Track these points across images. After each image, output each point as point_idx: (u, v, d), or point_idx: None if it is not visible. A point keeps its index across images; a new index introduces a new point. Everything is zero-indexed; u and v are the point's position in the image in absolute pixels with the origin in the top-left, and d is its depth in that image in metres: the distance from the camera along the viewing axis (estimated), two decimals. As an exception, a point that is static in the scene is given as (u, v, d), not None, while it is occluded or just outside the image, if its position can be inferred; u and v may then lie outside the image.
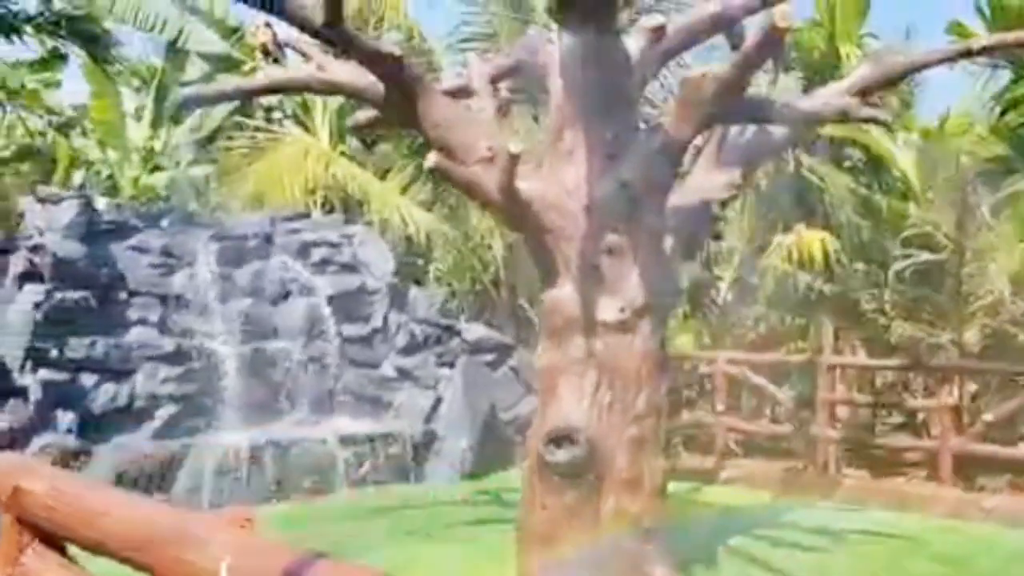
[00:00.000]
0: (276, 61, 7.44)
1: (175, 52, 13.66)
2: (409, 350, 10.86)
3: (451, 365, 10.91)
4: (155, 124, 13.42)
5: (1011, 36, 6.44)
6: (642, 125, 6.18)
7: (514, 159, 5.51)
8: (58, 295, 8.19)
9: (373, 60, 5.75)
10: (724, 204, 6.70)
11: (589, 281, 5.80)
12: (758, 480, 9.89)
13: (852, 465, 9.95)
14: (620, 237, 5.80)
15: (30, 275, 8.35)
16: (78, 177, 14.91)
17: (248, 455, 8.58)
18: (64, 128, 13.03)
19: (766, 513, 8.81)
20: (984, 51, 6.39)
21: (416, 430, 10.14)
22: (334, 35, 5.45)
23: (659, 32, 6.09)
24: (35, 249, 8.39)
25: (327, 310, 10.19)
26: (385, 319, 10.74)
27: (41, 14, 9.35)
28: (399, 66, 5.72)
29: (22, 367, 7.83)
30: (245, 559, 1.64)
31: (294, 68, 6.47)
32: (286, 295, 10.06)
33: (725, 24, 6.30)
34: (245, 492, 8.47)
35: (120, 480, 7.80)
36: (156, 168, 13.38)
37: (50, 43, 11.13)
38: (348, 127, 9.41)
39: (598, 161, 5.84)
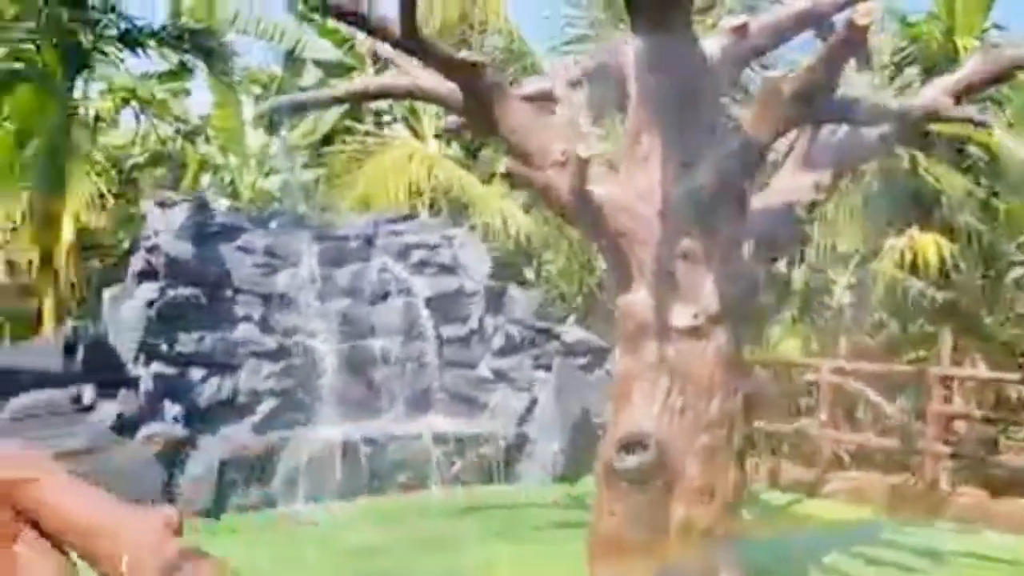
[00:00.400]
0: (385, 67, 7.67)
1: (292, 60, 14.25)
2: (505, 351, 10.95)
3: (547, 368, 10.93)
4: (272, 130, 14.04)
5: None
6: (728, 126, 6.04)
7: (584, 163, 5.50)
8: (170, 292, 8.68)
9: (450, 68, 5.84)
10: (812, 207, 6.45)
11: (663, 286, 5.71)
12: (862, 494, 9.48)
13: (968, 483, 9.41)
14: (694, 242, 5.68)
15: (147, 274, 8.90)
16: (206, 181, 15.79)
17: (343, 450, 8.87)
18: (191, 135, 13.80)
19: (866, 529, 8.46)
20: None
21: (509, 431, 10.22)
22: (412, 45, 5.59)
23: (742, 31, 5.94)
24: (152, 249, 8.93)
25: (425, 311, 10.40)
26: (481, 321, 10.87)
27: (164, 28, 9.93)
28: (475, 73, 5.79)
29: (135, 360, 8.34)
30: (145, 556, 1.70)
31: (381, 76, 6.65)
32: (385, 295, 10.32)
33: (813, 21, 6.09)
34: (339, 486, 8.77)
35: (222, 470, 8.23)
36: (271, 172, 14.00)
37: (175, 56, 11.80)
38: (441, 132, 9.58)
39: (673, 165, 5.73)
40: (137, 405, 8.02)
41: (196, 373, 8.73)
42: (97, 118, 14.04)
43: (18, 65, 9.65)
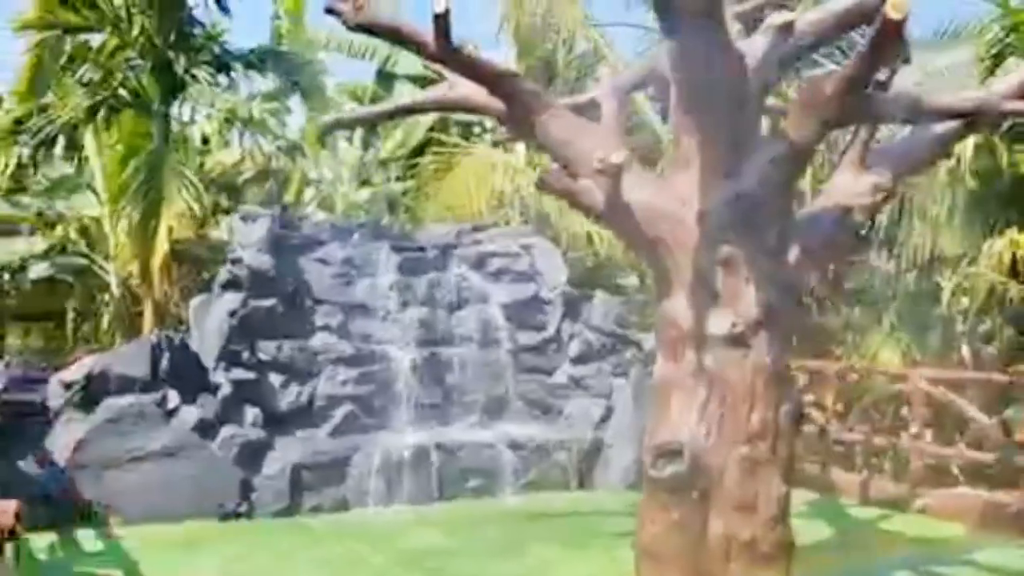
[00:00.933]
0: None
1: (384, 76, 14.67)
2: (583, 359, 10.92)
3: (626, 375, 10.84)
4: (365, 144, 14.49)
5: None
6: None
7: (617, 169, 5.47)
8: (251, 303, 9.09)
9: (487, 79, 5.90)
10: (874, 209, 6.16)
11: (702, 293, 5.58)
12: (954, 511, 8.98)
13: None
14: (735, 248, 5.52)
15: (231, 284, 9.34)
16: (309, 194, 16.43)
17: (415, 455, 9.05)
18: (292, 151, 14.40)
19: (954, 549, 8.01)
20: None
21: (585, 438, 10.19)
22: (447, 57, 5.68)
23: (787, 30, 5.76)
24: (235, 262, 9.37)
25: (501, 318, 10.50)
26: (559, 328, 10.88)
27: (252, 52, 10.42)
28: (510, 83, 5.84)
29: (216, 366, 8.77)
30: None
31: (431, 90, 6.78)
32: (462, 303, 10.47)
33: (861, 18, 5.83)
34: (410, 491, 8.95)
35: (296, 472, 8.54)
36: (364, 184, 14.45)
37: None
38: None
39: (713, 170, 5.61)
40: (216, 409, 8.41)
41: (275, 379, 9.10)
42: (205, 139, 14.88)
43: (122, 92, 10.34)
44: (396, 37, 5.65)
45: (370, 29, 5.52)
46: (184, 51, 9.95)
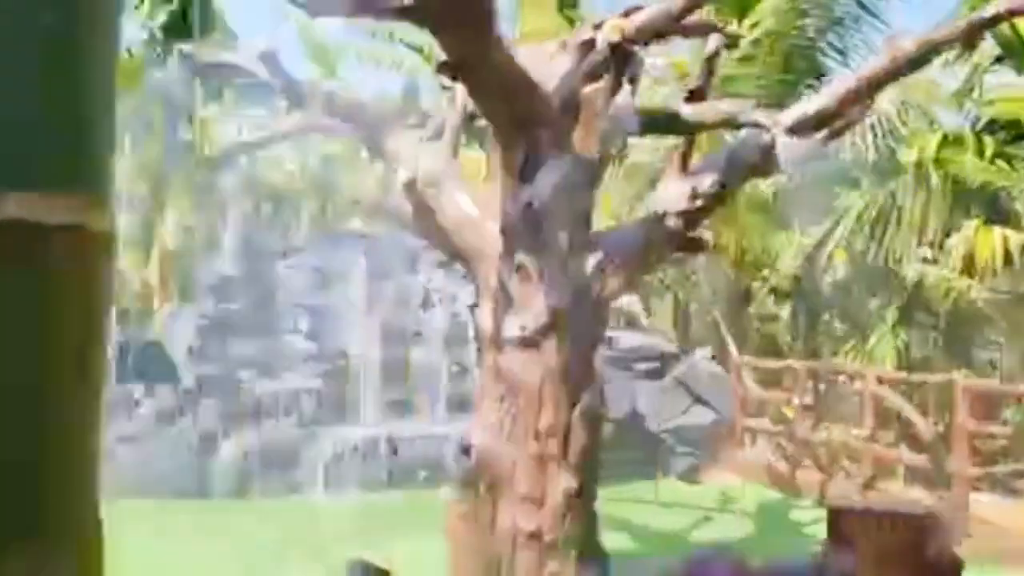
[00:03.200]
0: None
1: (410, 88, 15.37)
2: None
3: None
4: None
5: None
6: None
7: (413, 186, 5.89)
8: (220, 306, 9.98)
9: (340, 112, 6.45)
10: (696, 214, 6.23)
11: (501, 299, 5.91)
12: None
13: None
14: (527, 257, 5.80)
15: (211, 288, 10.28)
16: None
17: (365, 446, 9.67)
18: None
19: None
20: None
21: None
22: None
23: (589, 46, 5.96)
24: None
25: (466, 317, 10.93)
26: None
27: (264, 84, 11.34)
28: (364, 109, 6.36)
29: (185, 363, 9.71)
30: None
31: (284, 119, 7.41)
32: (428, 304, 11.00)
33: (664, 30, 5.95)
34: (361, 479, 9.57)
35: (248, 459, 9.36)
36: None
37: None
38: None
39: (510, 183, 5.91)
40: (176, 402, 9.34)
41: (243, 375, 9.94)
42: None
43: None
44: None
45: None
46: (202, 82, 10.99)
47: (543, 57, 5.97)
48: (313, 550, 7.59)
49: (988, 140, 9.44)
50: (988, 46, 9.67)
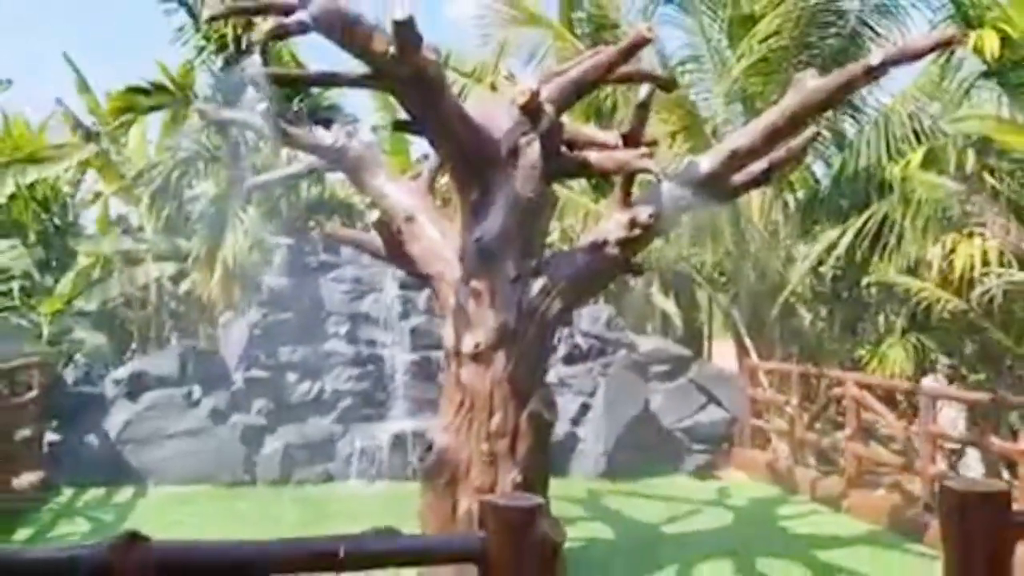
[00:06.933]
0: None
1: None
2: (571, 360, 11.93)
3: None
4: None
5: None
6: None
7: (382, 226, 6.80)
8: (269, 317, 11.13)
9: (319, 151, 7.44)
10: (636, 241, 6.87)
11: (458, 319, 6.74)
12: (869, 512, 9.16)
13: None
14: (480, 282, 6.61)
15: (260, 302, 11.46)
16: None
17: (394, 441, 10.65)
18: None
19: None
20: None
21: (561, 432, 11.23)
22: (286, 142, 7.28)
23: (532, 99, 6.67)
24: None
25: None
26: (549, 333, 11.94)
27: (300, 109, 12.45)
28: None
29: (236, 368, 10.90)
30: None
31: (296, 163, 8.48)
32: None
33: (591, 83, 6.66)
34: (388, 470, 10.57)
35: (288, 451, 10.49)
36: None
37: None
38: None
39: (467, 218, 6.74)
40: (229, 401, 10.54)
41: (289, 377, 11.07)
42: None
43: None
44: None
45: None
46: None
47: (503, 105, 6.78)
48: (341, 527, 8.60)
49: (970, 155, 9.61)
50: (975, 63, 9.86)
